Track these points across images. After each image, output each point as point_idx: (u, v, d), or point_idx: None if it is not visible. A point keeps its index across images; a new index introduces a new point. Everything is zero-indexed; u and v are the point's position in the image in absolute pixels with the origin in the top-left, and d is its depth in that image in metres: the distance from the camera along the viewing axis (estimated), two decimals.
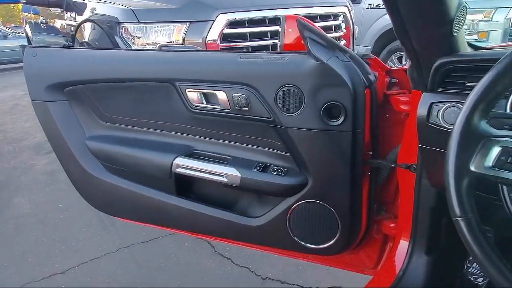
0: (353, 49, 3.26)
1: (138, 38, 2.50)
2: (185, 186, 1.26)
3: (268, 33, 2.61)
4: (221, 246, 2.02)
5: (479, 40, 3.93)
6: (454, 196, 0.54)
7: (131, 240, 2.12)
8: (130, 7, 2.57)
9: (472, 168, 0.55)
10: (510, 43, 0.79)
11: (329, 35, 2.96)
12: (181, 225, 1.32)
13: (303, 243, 1.15)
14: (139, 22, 2.48)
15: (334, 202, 1.06)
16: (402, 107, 1.00)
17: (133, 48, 2.50)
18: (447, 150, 0.56)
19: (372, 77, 0.98)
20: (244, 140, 1.14)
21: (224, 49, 2.50)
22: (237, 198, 1.24)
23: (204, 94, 1.10)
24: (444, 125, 0.78)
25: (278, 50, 1.09)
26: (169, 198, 1.25)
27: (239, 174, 1.11)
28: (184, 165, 1.17)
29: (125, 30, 2.50)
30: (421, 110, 0.83)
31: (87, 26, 2.94)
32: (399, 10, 0.70)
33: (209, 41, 2.45)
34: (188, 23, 2.47)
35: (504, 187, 0.58)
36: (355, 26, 3.27)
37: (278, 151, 1.10)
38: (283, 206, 1.12)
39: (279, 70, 1.00)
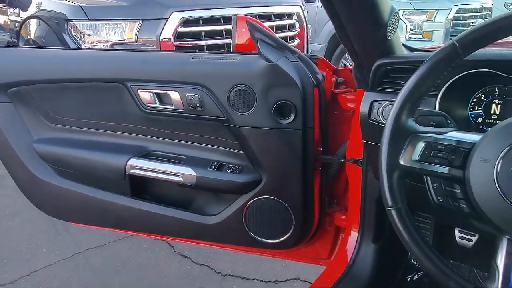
0: (307, 48, 3.34)
1: (88, 35, 2.42)
2: (140, 187, 1.24)
3: (223, 31, 2.62)
4: (180, 246, 2.02)
5: (423, 39, 4.17)
6: (386, 188, 0.60)
7: (86, 244, 2.05)
8: (79, 4, 2.48)
9: (401, 162, 0.60)
10: (441, 45, 0.86)
11: (283, 34, 3.02)
12: (138, 226, 1.31)
13: (259, 238, 1.18)
14: (88, 19, 2.40)
15: (288, 197, 1.10)
16: (349, 105, 1.06)
17: (83, 46, 2.41)
18: (380, 146, 0.61)
19: (320, 77, 1.02)
20: (199, 139, 1.15)
21: (179, 48, 2.48)
22: (194, 197, 1.25)
23: (157, 94, 1.09)
24: (383, 122, 0.84)
25: (231, 50, 1.11)
26: (124, 200, 1.24)
27: (195, 173, 1.11)
28: (139, 166, 1.16)
29: (73, 28, 2.41)
30: (364, 108, 0.89)
31: (33, 23, 2.80)
32: (339, 16, 0.75)
33: (163, 40, 2.42)
34: (140, 21, 2.43)
35: (429, 178, 0.64)
36: (308, 26, 3.36)
37: (232, 150, 1.13)
38: (239, 203, 1.15)
39: (231, 70, 1.02)
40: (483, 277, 1.05)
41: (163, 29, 2.43)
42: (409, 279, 1.17)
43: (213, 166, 1.13)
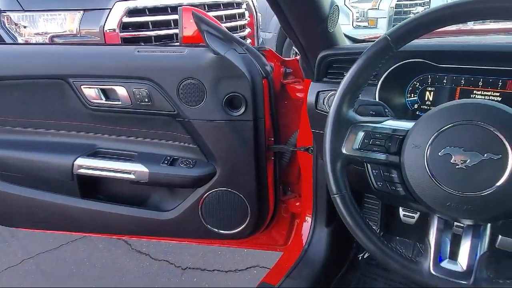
0: (257, 37, 3.35)
1: (25, 27, 2.26)
2: (91, 187, 1.20)
3: (171, 21, 2.55)
4: (138, 243, 1.98)
5: (369, 27, 4.31)
6: (331, 176, 0.63)
7: (36, 249, 1.96)
8: None
9: (344, 151, 0.64)
10: (378, 34, 0.91)
11: (233, 24, 2.99)
12: (91, 227, 1.27)
13: (216, 230, 1.19)
14: (24, 10, 2.23)
15: (242, 188, 1.11)
16: (298, 94, 1.09)
17: (19, 40, 2.25)
18: (324, 136, 0.64)
19: (268, 68, 1.04)
20: (150, 135, 1.13)
21: (125, 39, 2.39)
22: (148, 193, 1.23)
23: (102, 90, 1.05)
24: (328, 111, 0.87)
25: (179, 42, 1.09)
26: (74, 201, 1.19)
27: (147, 170, 1.09)
28: (87, 165, 1.12)
29: (7, 19, 2.24)
30: (310, 98, 0.91)
31: None
32: (282, 10, 0.76)
33: (107, 31, 2.31)
34: (82, 11, 2.30)
35: (369, 165, 0.68)
36: (258, 14, 3.36)
37: (185, 144, 1.12)
38: (194, 197, 1.14)
39: (179, 63, 1.01)
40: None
41: (106, 19, 2.32)
42: (360, 257, 1.23)
43: (166, 161, 1.11)
